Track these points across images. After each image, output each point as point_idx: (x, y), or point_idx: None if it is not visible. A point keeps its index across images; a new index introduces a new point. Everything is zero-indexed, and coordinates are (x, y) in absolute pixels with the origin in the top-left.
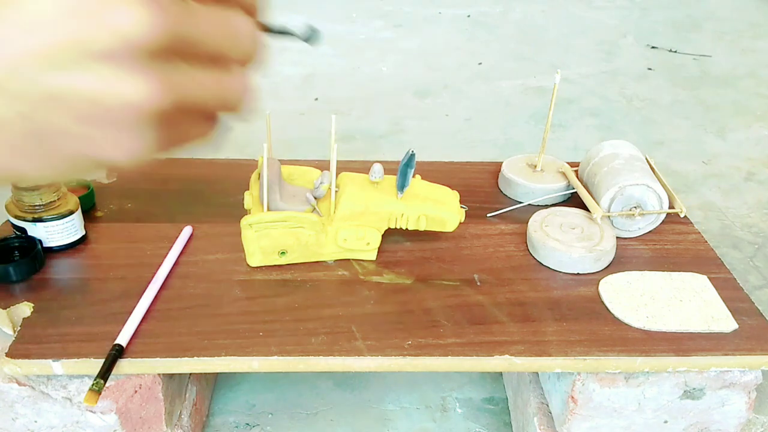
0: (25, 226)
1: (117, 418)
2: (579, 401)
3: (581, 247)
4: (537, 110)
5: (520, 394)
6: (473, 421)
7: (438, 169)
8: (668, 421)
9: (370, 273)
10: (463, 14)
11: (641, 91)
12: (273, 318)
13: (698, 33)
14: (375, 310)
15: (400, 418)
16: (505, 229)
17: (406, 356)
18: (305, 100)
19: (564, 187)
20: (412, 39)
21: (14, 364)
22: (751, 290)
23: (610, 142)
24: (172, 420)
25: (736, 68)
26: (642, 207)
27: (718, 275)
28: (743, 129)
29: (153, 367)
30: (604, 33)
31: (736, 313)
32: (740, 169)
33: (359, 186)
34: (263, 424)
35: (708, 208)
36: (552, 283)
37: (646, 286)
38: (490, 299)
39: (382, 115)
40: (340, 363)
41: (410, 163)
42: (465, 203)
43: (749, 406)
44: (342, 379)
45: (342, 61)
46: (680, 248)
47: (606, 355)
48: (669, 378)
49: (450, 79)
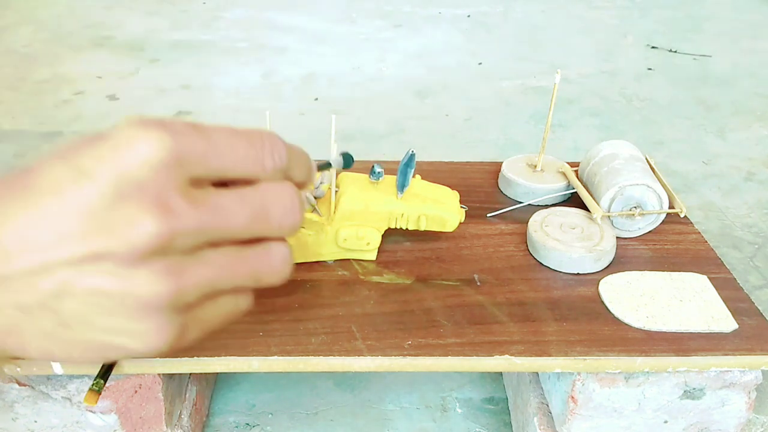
0: None
1: (117, 418)
2: (579, 401)
3: (581, 247)
4: (537, 110)
5: (520, 394)
6: (473, 421)
7: (438, 169)
8: (668, 421)
9: (370, 273)
10: (463, 14)
11: (641, 91)
12: (273, 318)
13: (698, 33)
14: (375, 310)
15: (400, 418)
16: (505, 229)
17: (406, 356)
18: (305, 100)
19: (564, 187)
20: (412, 39)
21: (14, 364)
22: (751, 290)
23: (610, 142)
24: (172, 420)
25: (736, 68)
26: (642, 207)
27: (718, 275)
28: (743, 129)
29: (153, 367)
30: (604, 33)
31: (736, 313)
32: (740, 169)
33: (359, 186)
34: (263, 424)
35: (708, 208)
36: (552, 283)
37: (646, 286)
38: (490, 299)
39: (382, 115)
40: (340, 363)
41: (410, 163)
42: (465, 203)
43: (749, 406)
44: (342, 379)
45: (342, 61)
46: (680, 248)
47: (606, 355)
48: (669, 378)
49: (450, 79)
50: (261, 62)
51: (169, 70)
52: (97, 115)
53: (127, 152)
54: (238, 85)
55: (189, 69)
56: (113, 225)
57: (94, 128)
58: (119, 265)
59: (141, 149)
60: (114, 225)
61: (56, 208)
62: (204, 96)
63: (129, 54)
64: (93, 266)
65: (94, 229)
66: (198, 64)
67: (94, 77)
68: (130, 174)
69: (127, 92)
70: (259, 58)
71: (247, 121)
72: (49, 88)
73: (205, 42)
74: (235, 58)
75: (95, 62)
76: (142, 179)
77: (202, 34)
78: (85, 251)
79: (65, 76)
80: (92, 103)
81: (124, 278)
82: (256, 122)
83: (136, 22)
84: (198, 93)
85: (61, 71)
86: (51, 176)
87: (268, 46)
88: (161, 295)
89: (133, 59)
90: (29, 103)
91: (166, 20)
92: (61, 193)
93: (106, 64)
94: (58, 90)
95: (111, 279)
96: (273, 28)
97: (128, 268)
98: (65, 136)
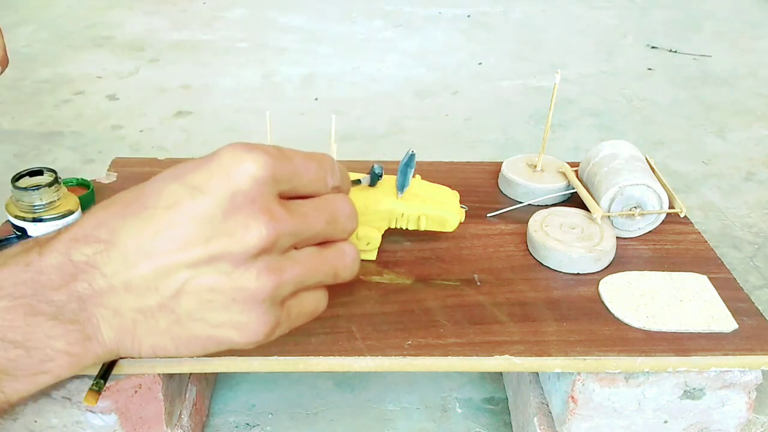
0: (25, 226)
1: (117, 418)
2: (579, 401)
3: (581, 247)
4: (537, 110)
5: (520, 394)
6: (473, 421)
7: (438, 169)
8: (668, 421)
9: (370, 273)
10: (463, 14)
11: (641, 91)
12: None
13: (698, 33)
14: (375, 310)
15: (400, 418)
16: (505, 229)
17: (406, 356)
18: (305, 100)
19: (564, 187)
20: (412, 39)
21: None
22: (751, 290)
23: (610, 142)
24: (172, 420)
25: (736, 68)
26: (642, 207)
27: (718, 275)
28: (743, 129)
29: (153, 367)
30: (604, 33)
31: (736, 313)
32: (740, 169)
33: (359, 186)
34: (263, 424)
35: (708, 208)
36: (552, 283)
37: (646, 286)
38: (490, 299)
39: (382, 115)
40: (340, 363)
41: (410, 163)
42: (465, 203)
43: (749, 406)
44: (342, 379)
45: (342, 61)
46: (680, 248)
47: (606, 355)
48: (669, 378)
49: (450, 79)
50: (261, 62)
51: (169, 70)
52: (97, 115)
53: (236, 170)
54: (238, 85)
55: (189, 69)
56: (230, 230)
57: (94, 128)
58: (234, 263)
59: (248, 167)
60: (231, 230)
61: (176, 219)
62: (204, 96)
63: (129, 54)
64: (210, 267)
65: (212, 234)
66: (198, 64)
67: (94, 77)
68: (239, 188)
69: (127, 92)
70: (259, 58)
71: (247, 121)
72: (49, 88)
73: (205, 42)
74: (235, 58)
75: (95, 62)
76: (250, 192)
77: (202, 34)
78: (204, 254)
79: (65, 76)
80: (92, 103)
81: (236, 276)
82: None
83: (136, 22)
84: (198, 93)
85: (61, 71)
86: (168, 194)
87: (268, 46)
88: (266, 288)
89: (133, 59)
90: (29, 103)
91: (166, 20)
92: (180, 207)
93: (106, 64)
94: (58, 90)
95: (225, 277)
96: (273, 28)
97: (240, 266)
98: (65, 136)
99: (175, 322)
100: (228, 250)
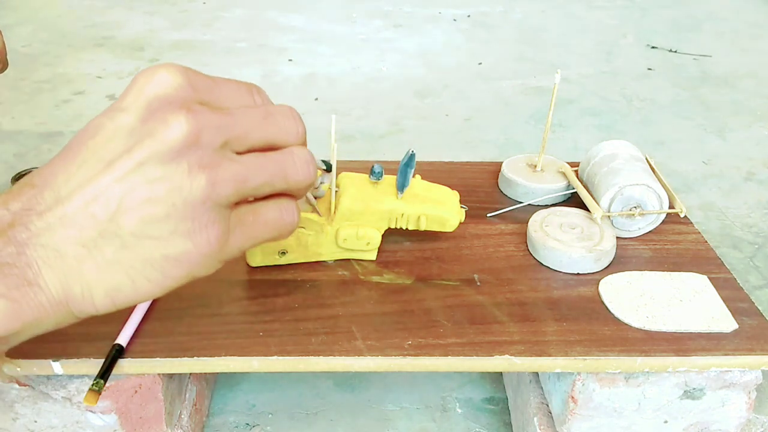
0: None
1: (117, 418)
2: (579, 401)
3: (581, 247)
4: (537, 110)
5: (520, 394)
6: (473, 421)
7: (438, 169)
8: (668, 421)
9: (370, 273)
10: (463, 14)
11: (641, 91)
12: (273, 318)
13: (698, 33)
14: (375, 310)
15: (400, 418)
16: (505, 229)
17: (406, 356)
18: (305, 100)
19: (564, 187)
20: (412, 39)
21: (14, 363)
22: (751, 290)
23: (610, 142)
24: (172, 420)
25: (736, 68)
26: (642, 207)
27: (718, 275)
28: (743, 129)
29: (153, 367)
30: (604, 33)
31: (736, 313)
32: (740, 169)
33: (359, 186)
34: (263, 424)
35: (708, 208)
36: (552, 283)
37: (646, 286)
38: (490, 299)
39: (382, 115)
40: (340, 363)
41: (410, 163)
42: (465, 203)
43: (749, 406)
44: (342, 379)
45: (342, 61)
46: (680, 248)
47: (606, 355)
48: (669, 378)
49: (450, 79)
50: (261, 62)
51: None
52: (97, 114)
53: (149, 82)
54: None
55: None
56: (150, 131)
57: None
58: (161, 163)
59: (161, 77)
60: (151, 131)
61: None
62: None
63: (129, 54)
64: (140, 175)
65: (134, 142)
66: (198, 64)
67: (94, 77)
68: (155, 95)
69: None
70: (259, 58)
71: None
72: (49, 88)
73: (205, 42)
74: (235, 58)
75: (95, 62)
76: (166, 96)
77: (202, 34)
78: (131, 163)
79: (65, 76)
80: (92, 103)
81: (168, 177)
82: None
83: (136, 22)
84: None
85: (61, 71)
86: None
87: (268, 46)
88: (201, 184)
89: (133, 59)
90: (29, 103)
91: (166, 20)
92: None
93: (106, 64)
94: (58, 90)
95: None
96: (273, 28)
97: (170, 164)
98: (65, 136)
99: (121, 247)
100: (152, 150)
